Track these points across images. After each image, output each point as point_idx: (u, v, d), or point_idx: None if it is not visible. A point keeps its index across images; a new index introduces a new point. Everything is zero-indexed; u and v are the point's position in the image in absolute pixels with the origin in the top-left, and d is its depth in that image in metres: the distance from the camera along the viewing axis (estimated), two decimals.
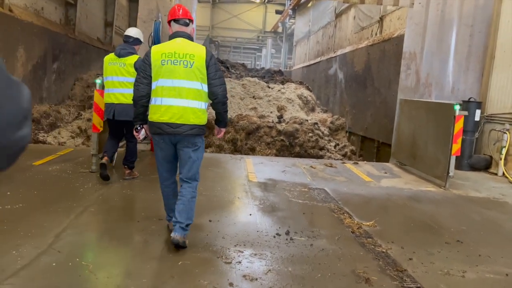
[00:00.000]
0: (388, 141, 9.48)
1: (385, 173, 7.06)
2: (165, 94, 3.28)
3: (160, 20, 6.88)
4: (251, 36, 36.89)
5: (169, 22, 3.50)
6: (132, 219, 3.84)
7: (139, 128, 3.49)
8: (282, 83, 17.31)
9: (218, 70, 3.40)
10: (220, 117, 3.59)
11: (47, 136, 11.88)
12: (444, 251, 3.71)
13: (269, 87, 15.84)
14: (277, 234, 3.76)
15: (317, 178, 6.35)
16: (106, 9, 17.67)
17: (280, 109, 14.58)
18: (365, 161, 8.59)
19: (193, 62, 3.27)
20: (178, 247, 3.22)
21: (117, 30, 17.86)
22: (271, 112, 14.23)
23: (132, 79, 4.31)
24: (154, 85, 3.34)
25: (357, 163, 7.78)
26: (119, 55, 5.29)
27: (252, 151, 12.63)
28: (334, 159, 12.20)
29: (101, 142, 5.85)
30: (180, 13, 3.43)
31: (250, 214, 4.31)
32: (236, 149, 12.70)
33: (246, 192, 5.19)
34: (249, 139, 12.85)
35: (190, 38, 3.43)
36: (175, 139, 3.31)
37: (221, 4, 36.76)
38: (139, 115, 3.45)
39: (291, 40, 27.64)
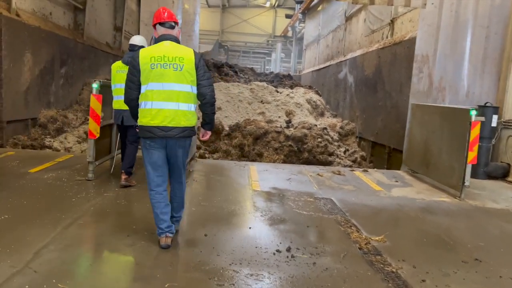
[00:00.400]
0: (400, 147, 9.12)
1: (396, 181, 6.72)
2: (155, 98, 3.29)
3: None
4: (261, 41, 36.71)
5: (154, 25, 3.49)
6: (122, 232, 3.58)
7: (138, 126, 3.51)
8: (291, 87, 17.03)
9: (206, 72, 3.43)
10: (207, 119, 3.58)
11: (54, 141, 11.76)
12: (461, 271, 3.37)
13: (277, 92, 15.57)
14: (277, 250, 3.47)
15: (324, 186, 6.04)
16: (115, 14, 17.63)
17: (289, 113, 14.29)
18: (375, 169, 8.24)
19: (183, 65, 3.29)
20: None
21: (126, 35, 17.79)
22: (279, 117, 13.95)
23: None
24: (143, 89, 3.34)
25: (367, 171, 7.44)
26: (127, 63, 5.18)
27: (259, 156, 12.35)
28: (344, 165, 11.86)
29: (98, 148, 5.64)
30: (165, 16, 3.43)
31: (250, 228, 4.02)
32: (244, 155, 12.43)
33: (248, 203, 4.90)
34: (256, 144, 12.58)
35: (177, 41, 3.44)
36: (167, 142, 3.34)
37: (231, 8, 36.68)
38: (135, 115, 3.49)
39: (301, 44, 27.36)
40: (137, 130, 3.48)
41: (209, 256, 3.24)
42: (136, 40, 5.57)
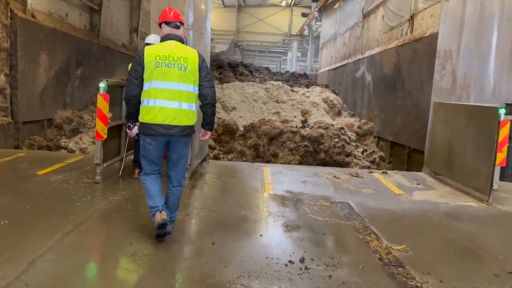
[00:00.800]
0: (420, 147, 8.74)
1: (418, 184, 6.37)
2: (158, 96, 3.32)
3: None
4: (277, 40, 36.39)
5: (160, 24, 3.52)
6: (125, 240, 3.37)
7: (131, 126, 3.59)
8: (307, 86, 16.71)
9: (208, 73, 3.49)
10: (208, 119, 3.62)
11: (69, 142, 11.75)
12: (494, 286, 3.05)
13: (293, 91, 15.27)
14: (290, 261, 3.20)
15: (340, 190, 5.74)
16: (131, 15, 17.64)
17: (304, 113, 13.98)
18: (395, 170, 7.88)
19: (187, 65, 3.35)
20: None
21: (142, 35, 17.80)
22: (294, 117, 13.65)
23: None
24: (146, 86, 3.37)
25: (386, 173, 7.10)
26: None
27: (274, 157, 12.08)
28: (362, 166, 11.49)
29: (106, 150, 5.47)
30: (171, 15, 3.47)
31: (261, 235, 3.77)
32: (258, 155, 12.18)
33: (260, 207, 4.64)
34: (271, 145, 12.31)
35: (182, 41, 3.48)
36: (170, 140, 3.40)
37: (246, 8, 36.47)
38: (131, 114, 3.52)
39: (317, 43, 26.98)
40: (128, 130, 3.61)
41: (215, 268, 3.00)
42: (151, 39, 5.47)
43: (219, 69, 17.23)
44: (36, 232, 3.42)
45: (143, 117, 3.36)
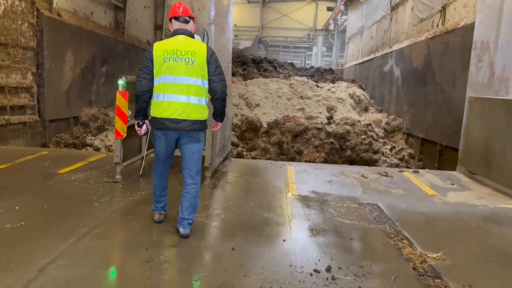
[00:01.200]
0: (452, 144, 8.31)
1: (452, 184, 5.98)
2: (167, 91, 3.36)
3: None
4: (301, 35, 35.88)
5: (170, 19, 3.53)
6: (140, 244, 3.21)
7: (140, 123, 3.59)
8: (333, 81, 16.32)
9: (218, 67, 3.45)
10: (218, 112, 3.62)
11: (95, 139, 11.85)
12: None
13: (318, 86, 14.93)
14: (315, 270, 2.96)
15: (369, 190, 5.44)
16: (155, 12, 17.68)
17: (330, 109, 13.62)
18: (426, 169, 7.48)
19: (194, 59, 3.34)
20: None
21: (166, 32, 17.82)
22: (320, 113, 13.32)
23: None
24: (156, 81, 3.41)
25: (417, 172, 6.72)
26: None
27: (299, 154, 11.81)
28: (390, 163, 11.07)
29: (126, 149, 5.36)
30: (180, 11, 3.48)
31: (284, 240, 3.54)
32: (282, 152, 11.94)
33: (283, 209, 4.41)
34: (296, 142, 12.04)
35: (191, 35, 3.48)
36: (177, 135, 3.40)
37: (271, 3, 36.10)
38: (141, 110, 3.55)
39: (343, 37, 26.41)
40: (137, 128, 3.62)
41: (235, 277, 2.79)
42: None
43: (242, 66, 17.05)
44: (51, 235, 3.30)
45: (154, 111, 3.40)
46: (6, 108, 9.00)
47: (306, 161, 11.08)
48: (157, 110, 3.37)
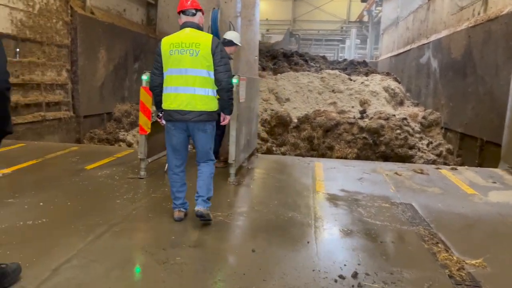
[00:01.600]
0: (495, 140, 7.78)
1: (494, 182, 5.57)
2: (173, 83, 3.44)
3: (218, 8, 6.16)
4: (334, 28, 35.10)
5: (178, 13, 3.56)
6: (158, 244, 3.11)
7: (160, 115, 3.68)
8: (366, 74, 15.80)
9: (223, 58, 3.44)
10: (225, 104, 3.59)
11: (127, 135, 12.03)
12: None
13: (350, 80, 14.49)
14: (340, 276, 2.76)
15: (402, 188, 5.14)
16: None
17: (363, 103, 13.19)
18: (466, 166, 7.03)
19: (199, 50, 3.37)
20: (203, 219, 3.50)
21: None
22: (352, 107, 12.91)
23: None
24: (164, 74, 3.50)
25: (456, 169, 6.32)
26: None
27: (330, 150, 11.50)
28: (427, 159, 10.57)
29: (152, 145, 5.31)
30: (188, 4, 3.50)
31: (308, 242, 3.34)
32: (313, 148, 11.66)
33: (309, 208, 4.21)
34: (327, 137, 11.73)
35: (198, 27, 3.51)
36: (186, 126, 3.47)
37: None
38: (157, 103, 3.64)
39: (378, 29, 25.60)
40: (158, 119, 3.72)
41: (253, 281, 2.63)
42: (232, 35, 5.63)
43: (273, 60, 16.82)
44: (69, 233, 3.26)
45: (163, 103, 3.51)
46: (41, 105, 9.25)
47: (337, 157, 10.77)
48: (166, 102, 3.48)
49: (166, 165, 5.47)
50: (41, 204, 3.95)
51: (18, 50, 8.58)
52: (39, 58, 9.21)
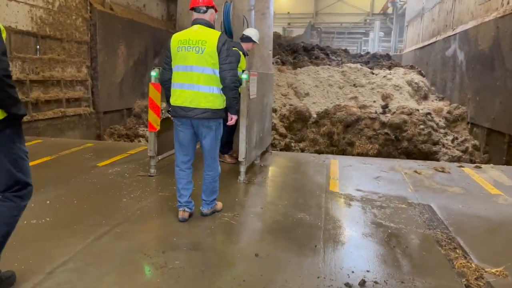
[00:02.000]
0: None
1: None
2: (179, 79, 3.46)
3: (231, 1, 6.02)
4: (357, 20, 34.37)
5: (190, 9, 3.57)
6: (158, 246, 3.01)
7: (170, 110, 3.64)
8: (389, 68, 15.36)
9: (229, 56, 3.42)
10: (229, 103, 3.56)
11: (146, 131, 12.08)
12: None
13: (373, 73, 14.11)
14: (347, 284, 2.59)
15: (421, 188, 4.89)
16: None
17: (385, 97, 12.81)
18: (491, 164, 6.68)
19: (204, 48, 3.37)
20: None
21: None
22: (374, 102, 12.56)
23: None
24: (173, 70, 3.53)
25: (480, 167, 6.00)
26: None
27: (350, 146, 11.21)
28: (451, 155, 10.17)
29: (162, 142, 5.24)
30: (200, 1, 3.49)
31: (316, 246, 3.17)
32: (333, 144, 11.40)
33: (320, 209, 4.03)
34: (347, 133, 11.44)
35: (207, 24, 3.49)
36: (190, 123, 3.47)
37: None
38: (168, 98, 3.65)
39: (402, 21, 24.88)
40: (168, 114, 3.75)
41: None
42: (251, 33, 5.62)
43: (293, 54, 16.55)
44: (71, 233, 3.20)
45: (170, 99, 3.53)
46: (62, 101, 9.36)
47: (358, 153, 10.49)
48: (172, 98, 3.52)
49: None
50: (48, 202, 3.92)
51: (38, 47, 8.70)
52: (59, 55, 9.31)
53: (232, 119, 3.69)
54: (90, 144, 6.98)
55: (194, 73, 3.38)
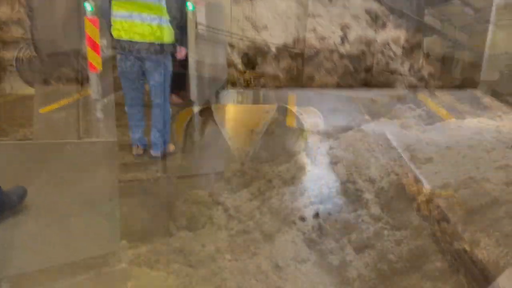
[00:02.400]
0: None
1: (471, 105, 5.35)
2: (122, 8, 3.21)
3: None
4: None
5: None
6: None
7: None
8: None
9: None
10: (176, 35, 3.38)
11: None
12: None
13: (330, 1, 13.66)
14: (301, 218, 2.57)
15: (377, 116, 4.89)
16: None
17: (344, 28, 12.54)
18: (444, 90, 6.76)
19: None
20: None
21: None
22: (333, 33, 12.27)
23: None
24: None
25: (434, 94, 6.06)
26: None
27: (310, 80, 11.10)
28: (408, 84, 10.28)
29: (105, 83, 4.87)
30: None
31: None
32: (293, 78, 11.25)
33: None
34: (307, 66, 11.27)
35: None
36: (138, 57, 3.28)
37: None
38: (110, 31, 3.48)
39: None
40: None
41: None
42: None
43: None
44: None
45: (113, 32, 3.29)
46: None
47: (318, 86, 10.41)
48: (114, 30, 3.31)
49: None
50: None
51: None
52: None
53: (181, 51, 3.49)
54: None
55: (139, 2, 3.12)
